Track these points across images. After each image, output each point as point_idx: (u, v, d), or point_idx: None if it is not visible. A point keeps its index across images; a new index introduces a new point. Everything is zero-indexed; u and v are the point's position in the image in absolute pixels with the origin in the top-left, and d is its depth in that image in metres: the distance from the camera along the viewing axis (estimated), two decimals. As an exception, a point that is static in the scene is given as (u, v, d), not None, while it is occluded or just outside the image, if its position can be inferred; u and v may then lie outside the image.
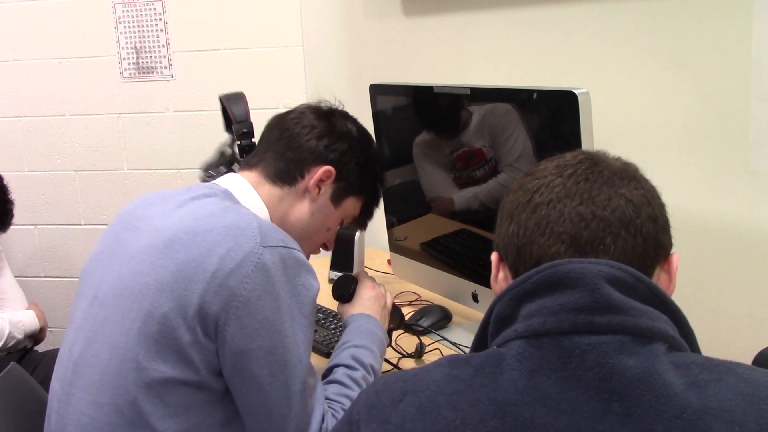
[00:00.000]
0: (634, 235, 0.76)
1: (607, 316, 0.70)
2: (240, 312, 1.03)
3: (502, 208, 0.85)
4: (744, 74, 1.34)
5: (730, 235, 1.42)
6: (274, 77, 2.63)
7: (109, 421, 1.05)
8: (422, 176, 1.70)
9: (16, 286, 2.38)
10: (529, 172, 0.85)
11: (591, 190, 0.78)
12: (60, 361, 1.17)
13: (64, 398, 1.12)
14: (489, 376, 0.72)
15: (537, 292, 0.74)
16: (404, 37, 2.20)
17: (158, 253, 1.07)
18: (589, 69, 1.63)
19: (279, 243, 1.07)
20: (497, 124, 1.43)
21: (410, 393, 0.74)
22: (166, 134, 2.75)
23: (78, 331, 1.14)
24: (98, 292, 1.13)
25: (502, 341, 0.75)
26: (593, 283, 0.72)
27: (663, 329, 0.71)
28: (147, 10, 2.66)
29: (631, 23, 1.53)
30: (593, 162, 0.82)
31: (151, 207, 1.18)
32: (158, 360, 1.04)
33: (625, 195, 0.78)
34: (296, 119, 1.29)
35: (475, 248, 1.58)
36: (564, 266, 0.74)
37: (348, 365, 1.21)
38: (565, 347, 0.70)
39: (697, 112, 1.43)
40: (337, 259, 2.06)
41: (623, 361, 0.68)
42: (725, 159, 1.39)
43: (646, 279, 0.74)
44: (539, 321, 0.72)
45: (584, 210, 0.77)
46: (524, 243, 0.79)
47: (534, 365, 0.70)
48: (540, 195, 0.80)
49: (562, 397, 0.68)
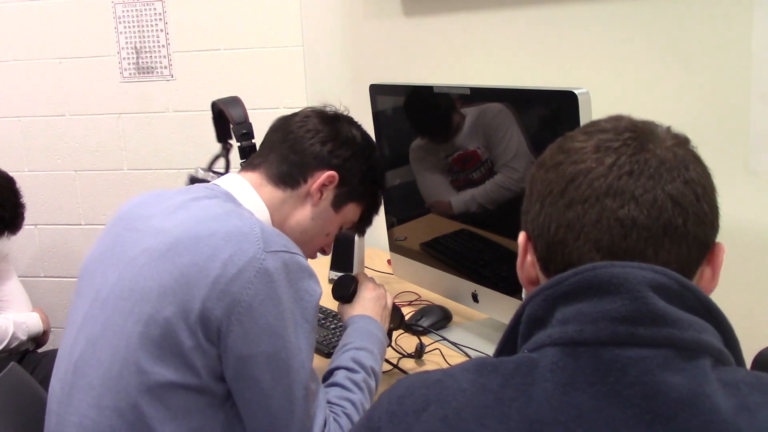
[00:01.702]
0: (678, 243, 0.70)
1: (651, 328, 0.64)
2: (242, 317, 1.02)
3: (533, 183, 0.77)
4: (744, 74, 1.34)
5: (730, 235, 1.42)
6: (274, 77, 2.63)
7: (110, 424, 1.05)
8: (419, 181, 1.70)
9: (21, 288, 2.39)
10: (565, 148, 0.76)
11: (635, 188, 0.70)
12: (59, 361, 1.17)
13: (64, 399, 1.12)
14: (520, 388, 0.66)
15: (573, 295, 0.68)
16: (404, 37, 2.20)
17: (160, 257, 1.07)
18: (589, 69, 1.63)
19: (282, 248, 1.07)
20: (490, 124, 1.43)
21: (434, 402, 0.69)
22: (166, 134, 2.75)
23: (78, 332, 1.13)
24: (99, 293, 1.13)
25: (534, 346, 0.69)
26: (637, 291, 0.65)
27: (709, 342, 0.66)
28: (147, 10, 2.66)
29: (631, 23, 1.53)
30: (640, 144, 0.73)
31: (149, 207, 1.18)
32: (160, 364, 1.03)
33: (671, 194, 0.70)
34: (301, 122, 1.28)
35: (475, 248, 1.58)
36: (605, 269, 0.67)
37: (349, 368, 1.20)
38: (604, 360, 0.64)
39: (697, 112, 1.43)
40: (337, 259, 2.06)
41: (668, 378, 0.62)
42: (725, 159, 1.39)
43: (693, 286, 0.68)
44: (576, 328, 0.66)
45: (625, 215, 0.69)
46: (556, 241, 0.73)
47: (569, 378, 0.64)
48: (577, 188, 0.72)
49: (599, 415, 0.62)
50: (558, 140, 0.79)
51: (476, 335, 1.65)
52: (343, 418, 1.13)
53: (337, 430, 1.12)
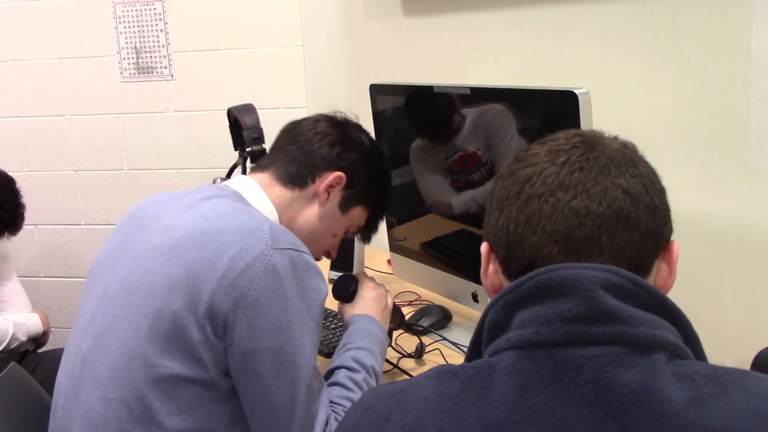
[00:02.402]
0: (631, 230, 0.72)
1: (604, 326, 0.66)
2: (248, 312, 1.03)
3: (492, 195, 0.81)
4: (744, 74, 1.34)
5: (730, 235, 1.42)
6: (274, 77, 2.63)
7: (117, 417, 1.06)
8: (420, 181, 1.70)
9: (21, 289, 2.39)
10: (519, 157, 0.80)
11: (586, 181, 0.73)
12: (67, 356, 1.18)
13: (71, 393, 1.12)
14: (477, 391, 0.68)
15: (530, 298, 0.70)
16: (404, 37, 2.21)
17: (170, 252, 1.08)
18: (589, 69, 1.63)
19: (289, 246, 1.08)
20: (491, 125, 1.44)
21: (397, 411, 0.71)
22: (166, 134, 2.75)
23: (87, 327, 1.14)
24: (108, 288, 1.14)
25: (494, 350, 0.71)
26: (588, 291, 0.67)
27: (664, 337, 0.67)
28: (147, 10, 2.66)
29: (631, 23, 1.53)
30: (588, 146, 0.76)
31: (162, 206, 1.20)
32: (167, 357, 1.04)
33: (621, 185, 0.73)
34: (310, 126, 1.31)
35: (475, 248, 1.57)
36: (558, 272, 0.70)
37: (350, 367, 1.21)
38: (558, 360, 0.66)
39: (697, 112, 1.43)
40: (337, 259, 2.05)
41: (620, 374, 0.64)
42: (725, 159, 1.39)
43: (646, 284, 0.70)
44: (532, 331, 0.68)
45: (578, 205, 0.72)
46: (515, 240, 0.75)
47: (525, 379, 0.66)
48: (531, 186, 0.75)
49: (554, 414, 0.64)
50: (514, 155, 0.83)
51: (476, 335, 1.65)
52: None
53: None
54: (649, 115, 1.52)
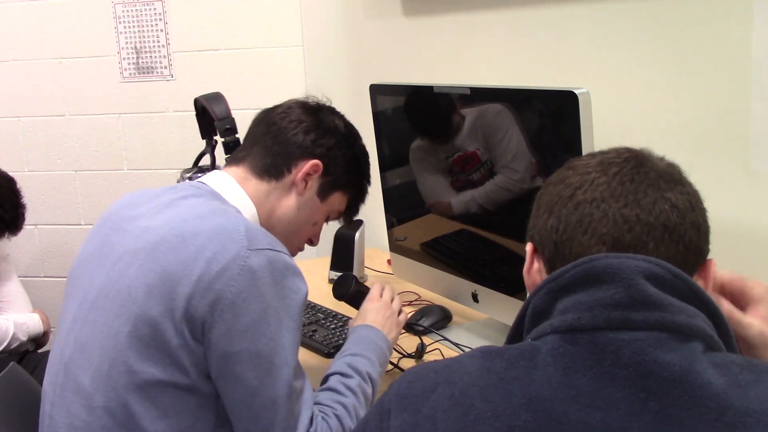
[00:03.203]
0: (677, 242, 0.75)
1: (644, 312, 0.69)
2: (225, 314, 1.03)
3: (540, 199, 0.83)
4: (744, 74, 1.34)
5: (730, 235, 1.41)
6: (274, 77, 2.63)
7: (101, 425, 1.06)
8: (419, 181, 1.70)
9: (22, 289, 2.39)
10: (571, 165, 0.83)
11: (636, 191, 0.76)
12: (51, 363, 1.17)
13: (56, 401, 1.12)
14: (523, 369, 0.70)
15: (573, 286, 0.73)
16: (404, 37, 2.20)
17: (146, 256, 1.08)
18: (589, 69, 1.63)
19: (266, 246, 1.07)
20: (490, 125, 1.44)
21: (442, 384, 0.73)
22: (166, 134, 2.75)
23: (68, 333, 1.14)
24: (87, 294, 1.13)
25: (537, 335, 0.74)
26: (630, 279, 0.70)
27: (701, 327, 0.70)
28: (147, 10, 2.66)
29: (631, 23, 1.53)
30: (639, 162, 0.79)
31: (137, 207, 1.18)
32: (148, 362, 1.04)
33: (670, 200, 0.76)
34: (283, 114, 1.29)
35: (475, 248, 1.58)
36: (601, 261, 0.72)
37: (343, 373, 1.20)
38: (599, 343, 0.68)
39: (697, 112, 1.43)
40: (337, 259, 2.06)
41: (660, 356, 0.66)
42: (725, 159, 1.39)
43: (685, 276, 0.73)
44: (574, 316, 0.71)
45: (629, 213, 0.76)
46: (564, 239, 0.78)
47: (568, 362, 0.69)
48: (583, 192, 0.78)
49: (597, 395, 0.66)
50: (564, 164, 0.86)
51: (476, 335, 1.65)
52: (332, 419, 1.12)
53: (325, 429, 1.10)
54: (649, 115, 1.52)
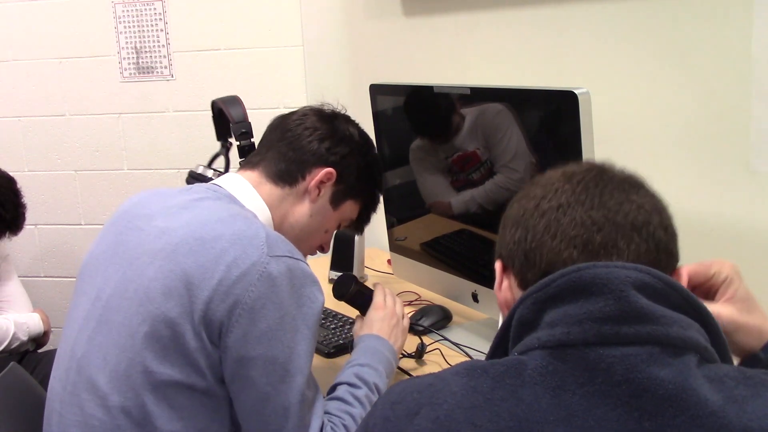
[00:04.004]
0: (647, 240, 0.73)
1: (635, 326, 0.66)
2: (242, 319, 1.03)
3: (506, 217, 0.82)
4: (744, 74, 1.34)
5: (730, 235, 1.42)
6: (274, 77, 2.63)
7: (117, 424, 1.06)
8: (419, 181, 1.70)
9: (22, 289, 2.39)
10: (533, 181, 0.82)
11: (602, 194, 0.75)
12: (60, 360, 1.17)
13: (66, 399, 1.11)
14: (509, 389, 0.68)
15: (560, 297, 0.70)
16: (404, 37, 2.20)
17: (165, 257, 1.07)
18: (589, 69, 1.63)
19: (286, 253, 1.07)
20: (490, 125, 1.44)
21: (426, 406, 0.70)
22: (166, 134, 2.75)
23: (80, 331, 1.13)
24: (101, 292, 1.13)
25: (523, 348, 0.71)
26: (620, 290, 0.67)
27: (695, 339, 0.67)
28: (147, 10, 2.66)
29: (631, 23, 1.53)
30: (601, 170, 0.79)
31: (151, 206, 1.18)
32: (166, 363, 1.04)
33: (635, 201, 0.75)
34: (299, 121, 1.29)
35: (475, 248, 1.58)
36: (588, 270, 0.70)
37: (351, 383, 1.20)
38: (590, 360, 0.66)
39: (697, 112, 1.43)
40: (337, 259, 2.06)
41: (654, 372, 0.64)
42: (725, 159, 1.39)
43: (676, 283, 0.70)
44: (563, 331, 0.68)
45: (596, 214, 0.74)
46: (533, 247, 0.76)
47: (558, 380, 0.66)
48: (548, 201, 0.77)
49: (589, 414, 0.64)
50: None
51: (476, 335, 1.65)
52: (340, 429, 1.12)
53: None
54: (649, 115, 1.52)
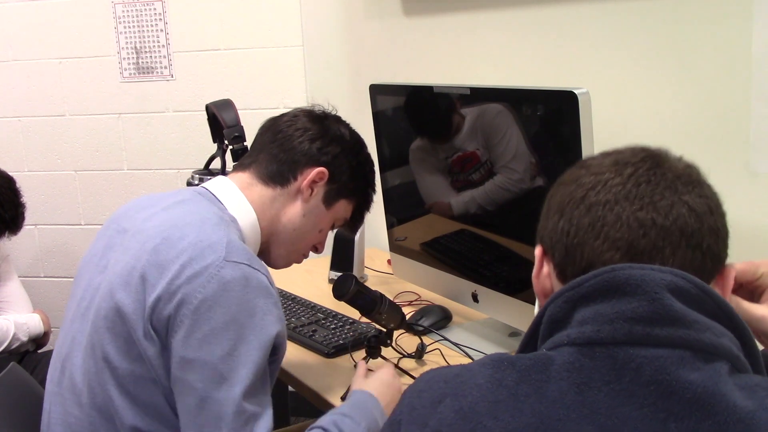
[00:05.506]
0: (694, 248, 0.71)
1: (668, 329, 0.65)
2: (187, 319, 1.03)
3: (551, 199, 0.79)
4: (744, 74, 1.34)
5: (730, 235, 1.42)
6: (274, 77, 2.63)
7: (90, 421, 1.09)
8: (419, 182, 1.70)
9: (22, 289, 2.40)
10: (584, 164, 0.78)
11: (653, 194, 0.72)
12: (53, 361, 1.20)
13: (53, 399, 1.16)
14: (534, 384, 0.67)
15: (593, 296, 0.69)
16: (404, 37, 2.20)
17: (133, 255, 1.10)
18: (589, 69, 1.63)
19: (245, 261, 1.07)
20: (490, 125, 1.44)
21: (450, 395, 0.71)
22: (166, 134, 2.75)
23: (66, 332, 1.17)
24: (85, 293, 1.17)
25: (552, 345, 0.70)
26: (654, 292, 0.66)
27: (727, 347, 0.66)
28: (147, 10, 2.66)
29: (631, 23, 1.53)
30: (655, 162, 0.75)
31: (141, 210, 1.20)
32: (124, 356, 1.06)
33: (688, 203, 0.72)
34: (290, 122, 1.30)
35: (475, 248, 1.58)
36: (623, 271, 0.68)
37: (325, 428, 1.11)
38: (619, 359, 0.65)
39: (696, 112, 1.43)
40: (337, 259, 2.06)
41: (684, 375, 0.63)
42: (725, 159, 1.39)
43: (713, 291, 0.69)
44: (593, 329, 0.67)
45: (644, 216, 0.71)
46: (575, 243, 0.73)
47: (584, 377, 0.65)
48: (596, 193, 0.73)
49: (613, 413, 0.63)
50: (576, 163, 0.81)
51: (476, 335, 1.65)
52: None
53: None
54: (649, 115, 1.52)
